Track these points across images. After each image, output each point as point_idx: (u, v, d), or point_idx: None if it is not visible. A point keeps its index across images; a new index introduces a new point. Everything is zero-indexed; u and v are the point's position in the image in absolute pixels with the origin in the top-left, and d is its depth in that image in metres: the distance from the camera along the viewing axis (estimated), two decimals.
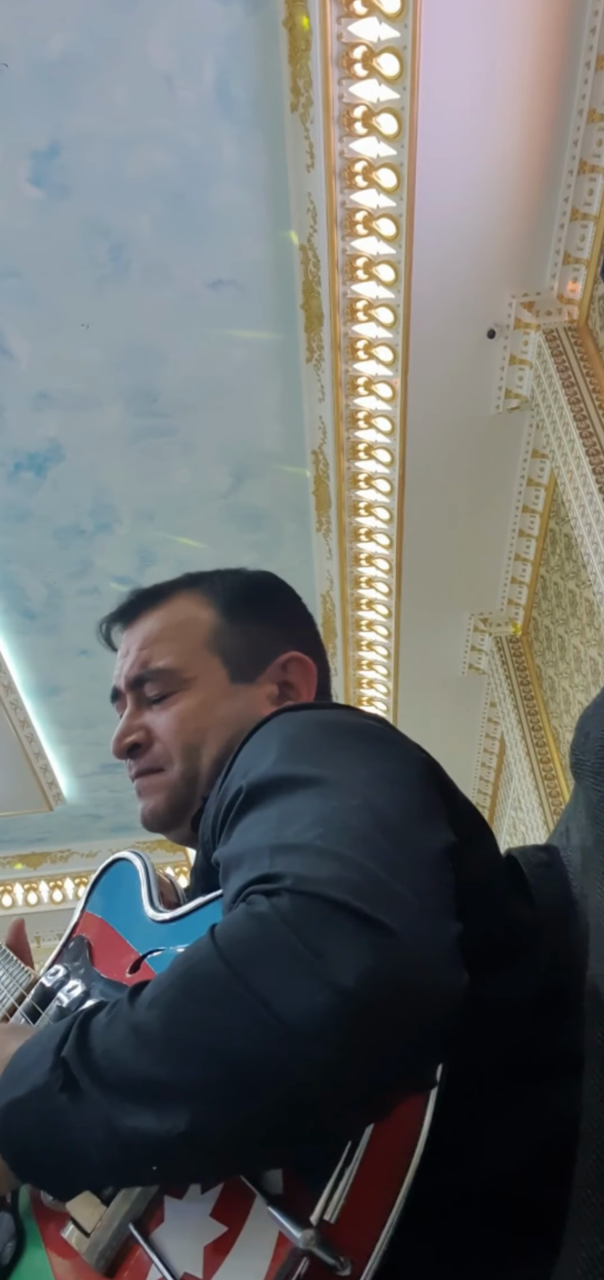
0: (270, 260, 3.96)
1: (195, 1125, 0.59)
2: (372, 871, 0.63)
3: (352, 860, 0.63)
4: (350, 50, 3.36)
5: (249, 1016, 0.59)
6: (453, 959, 0.62)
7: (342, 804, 0.69)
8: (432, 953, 0.61)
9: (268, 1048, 0.58)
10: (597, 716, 0.83)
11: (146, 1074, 0.62)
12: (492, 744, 6.40)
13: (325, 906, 0.60)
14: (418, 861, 0.66)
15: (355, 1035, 0.57)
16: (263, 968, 0.60)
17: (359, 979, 0.57)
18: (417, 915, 0.61)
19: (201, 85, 3.45)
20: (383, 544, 5.14)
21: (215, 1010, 0.60)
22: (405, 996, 0.59)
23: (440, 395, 4.36)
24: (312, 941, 0.59)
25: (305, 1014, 0.57)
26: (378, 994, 0.57)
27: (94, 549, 5.11)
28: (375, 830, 0.67)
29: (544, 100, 3.50)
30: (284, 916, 0.61)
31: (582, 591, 4.56)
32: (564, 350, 4.01)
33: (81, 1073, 0.65)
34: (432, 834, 0.71)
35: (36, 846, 7.45)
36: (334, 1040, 0.57)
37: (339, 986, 0.57)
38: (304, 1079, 0.57)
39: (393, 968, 0.58)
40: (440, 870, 0.68)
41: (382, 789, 0.72)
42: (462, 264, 3.92)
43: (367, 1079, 0.59)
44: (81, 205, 3.72)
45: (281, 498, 4.96)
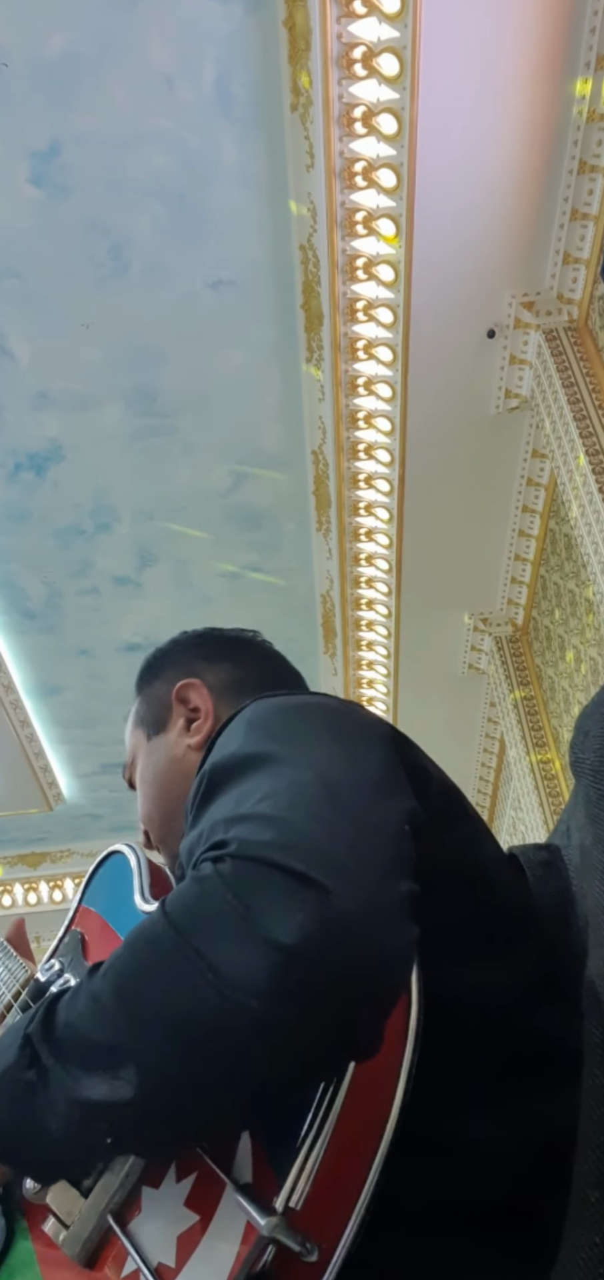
0: (270, 260, 3.96)
1: (144, 1088, 0.61)
2: (313, 835, 0.64)
3: (293, 826, 0.65)
4: (350, 50, 3.36)
5: (189, 975, 0.60)
6: (396, 917, 0.63)
7: (294, 778, 0.71)
8: (370, 911, 0.61)
9: (206, 1005, 0.59)
10: (596, 715, 0.83)
11: (99, 1039, 0.64)
12: (491, 744, 6.40)
13: (264, 868, 0.62)
14: (364, 827, 0.68)
15: (291, 989, 0.58)
16: (203, 928, 0.62)
17: (294, 934, 0.58)
18: (355, 874, 0.62)
19: (201, 85, 3.45)
20: (383, 544, 5.14)
21: (159, 971, 0.63)
22: (341, 951, 0.59)
23: (440, 395, 4.36)
24: (248, 901, 0.61)
25: (241, 970, 0.59)
26: (312, 948, 0.58)
27: (94, 549, 5.11)
28: (323, 799, 0.68)
29: (544, 100, 3.50)
30: (224, 879, 0.63)
31: (581, 591, 4.56)
32: (564, 350, 4.01)
33: (43, 1047, 0.66)
34: (384, 803, 0.72)
35: (36, 846, 7.45)
36: (270, 994, 0.58)
37: (274, 942, 0.58)
38: (242, 1034, 0.58)
39: (328, 923, 0.59)
40: (391, 836, 0.69)
41: (336, 763, 0.74)
42: (461, 264, 3.92)
43: (307, 1034, 0.60)
44: (81, 205, 3.72)
45: (281, 497, 4.96)
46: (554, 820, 4.93)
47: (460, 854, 0.81)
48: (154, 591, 5.38)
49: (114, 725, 6.50)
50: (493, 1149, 0.69)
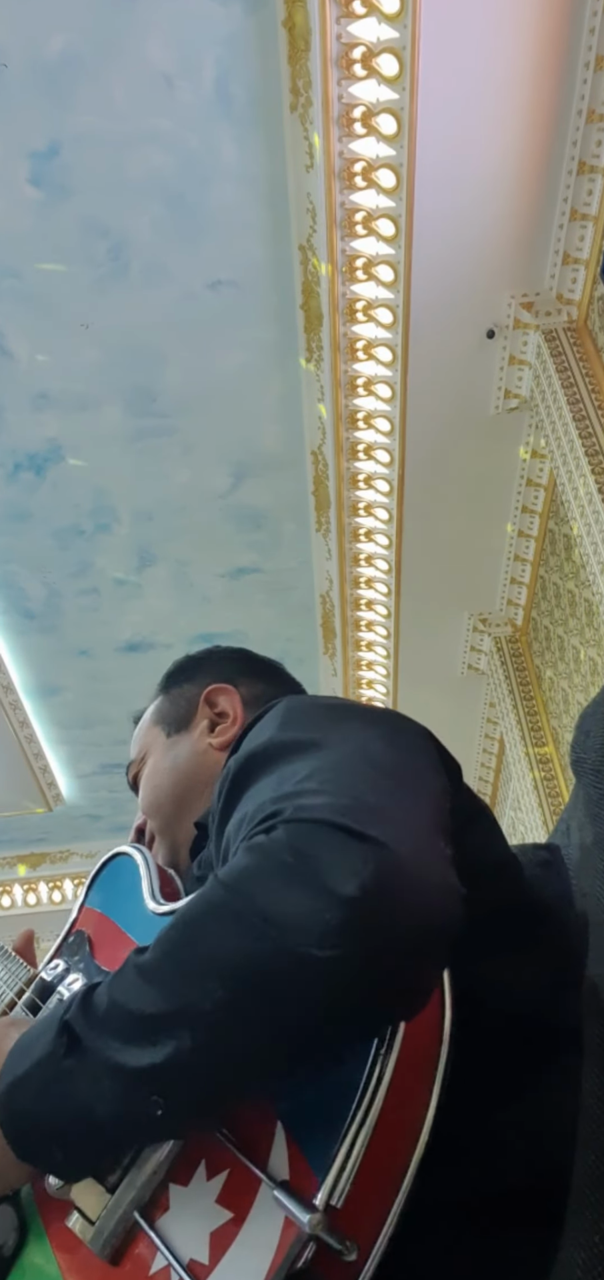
0: (270, 260, 3.96)
1: (196, 1043, 0.61)
2: (363, 797, 0.67)
3: (344, 790, 0.67)
4: (350, 50, 3.36)
5: (247, 929, 0.61)
6: (443, 868, 0.65)
7: (337, 757, 0.73)
8: (423, 861, 0.64)
9: (265, 954, 0.60)
10: (597, 715, 0.83)
11: (149, 1008, 0.64)
12: (491, 744, 6.40)
13: (319, 827, 0.64)
14: (410, 790, 0.71)
15: (352, 935, 0.59)
16: (261, 886, 0.63)
17: (355, 885, 0.60)
18: (407, 832, 0.65)
19: (201, 85, 3.45)
20: (382, 544, 5.14)
21: (214, 930, 0.64)
22: (398, 897, 0.61)
23: (440, 395, 4.36)
24: (307, 857, 0.62)
25: (303, 919, 0.60)
26: (372, 895, 0.60)
27: (94, 549, 5.11)
28: (368, 768, 0.71)
29: (543, 100, 3.50)
30: (280, 842, 0.64)
31: (581, 592, 4.56)
32: (563, 350, 4.01)
33: (86, 1030, 0.66)
34: (426, 774, 0.76)
35: (36, 847, 7.45)
36: (332, 940, 0.59)
37: (334, 891, 0.60)
38: (303, 982, 0.60)
39: (385, 873, 0.61)
40: (434, 802, 0.72)
41: (376, 742, 0.77)
42: (461, 264, 3.92)
43: (367, 980, 0.60)
44: (81, 205, 3.72)
45: (281, 498, 4.96)
46: (554, 820, 4.93)
47: (485, 848, 0.83)
48: (153, 592, 5.38)
49: (114, 725, 6.51)
50: (503, 1149, 0.70)
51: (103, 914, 1.00)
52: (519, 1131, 0.71)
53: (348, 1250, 0.60)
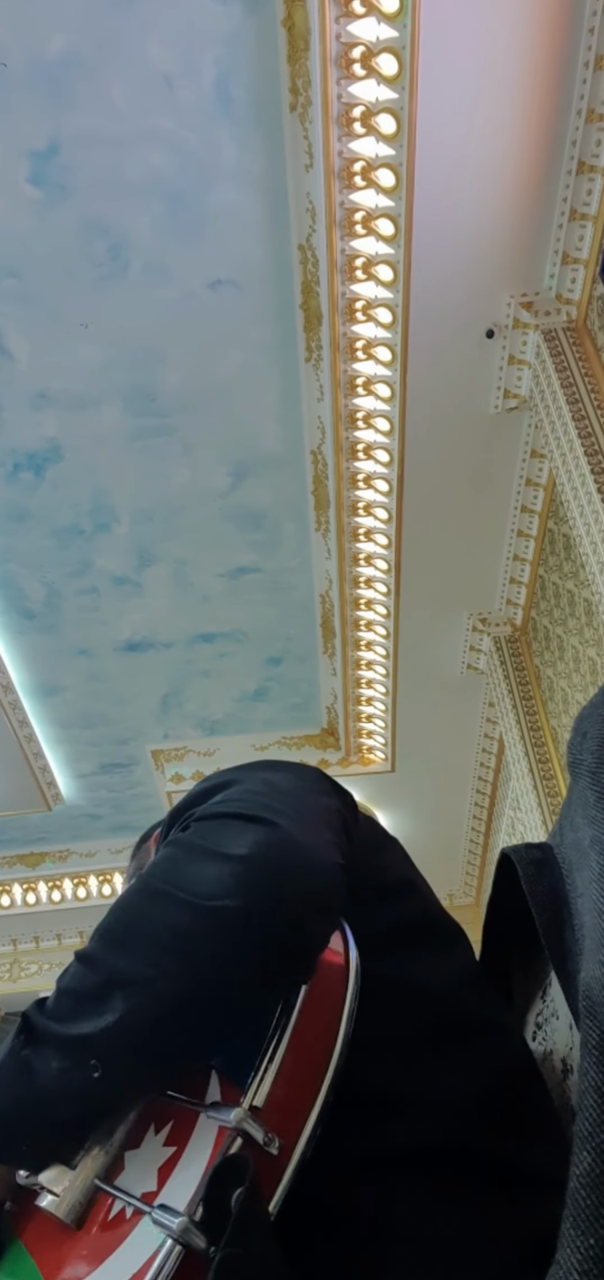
0: (269, 260, 3.96)
1: (129, 1005, 0.71)
2: (261, 799, 0.81)
3: (245, 799, 0.83)
4: (349, 50, 3.36)
5: (165, 899, 0.74)
6: (326, 845, 0.79)
7: (245, 784, 0.88)
8: (308, 837, 0.77)
9: (182, 915, 0.73)
10: (594, 716, 0.83)
11: (88, 986, 0.74)
12: (490, 744, 6.40)
13: (220, 818, 0.80)
14: (301, 800, 0.84)
15: (254, 887, 0.72)
16: (175, 865, 0.77)
17: (250, 848, 0.74)
18: (294, 819, 0.78)
19: (201, 85, 3.45)
20: (382, 544, 5.14)
21: (138, 906, 0.76)
22: (288, 858, 0.74)
23: (439, 395, 4.36)
24: (210, 839, 0.77)
25: (212, 882, 0.73)
26: (266, 857, 0.74)
27: (93, 549, 5.11)
28: (267, 788, 0.85)
29: (543, 100, 3.50)
30: (190, 832, 0.80)
31: (580, 591, 4.56)
32: (563, 350, 4.01)
33: (37, 1019, 0.76)
34: (317, 795, 0.89)
35: (35, 846, 7.45)
36: (238, 892, 0.72)
37: (232, 854, 0.74)
38: (216, 931, 0.71)
39: (273, 840, 0.75)
40: (322, 810, 0.85)
41: (278, 772, 0.92)
42: (460, 264, 3.92)
43: (266, 926, 0.72)
44: (81, 205, 3.72)
45: (281, 498, 4.96)
46: (553, 820, 4.94)
47: (391, 870, 0.96)
48: (153, 591, 5.37)
49: (113, 725, 6.52)
50: (436, 1098, 0.77)
51: None
52: (450, 1086, 0.79)
53: (271, 1142, 0.69)
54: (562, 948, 0.79)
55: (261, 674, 6.04)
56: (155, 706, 6.16)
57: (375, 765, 6.64)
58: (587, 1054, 0.69)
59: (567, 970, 0.77)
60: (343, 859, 0.80)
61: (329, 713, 6.36)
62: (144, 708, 6.15)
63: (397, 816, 7.11)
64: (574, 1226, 0.64)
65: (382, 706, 6.19)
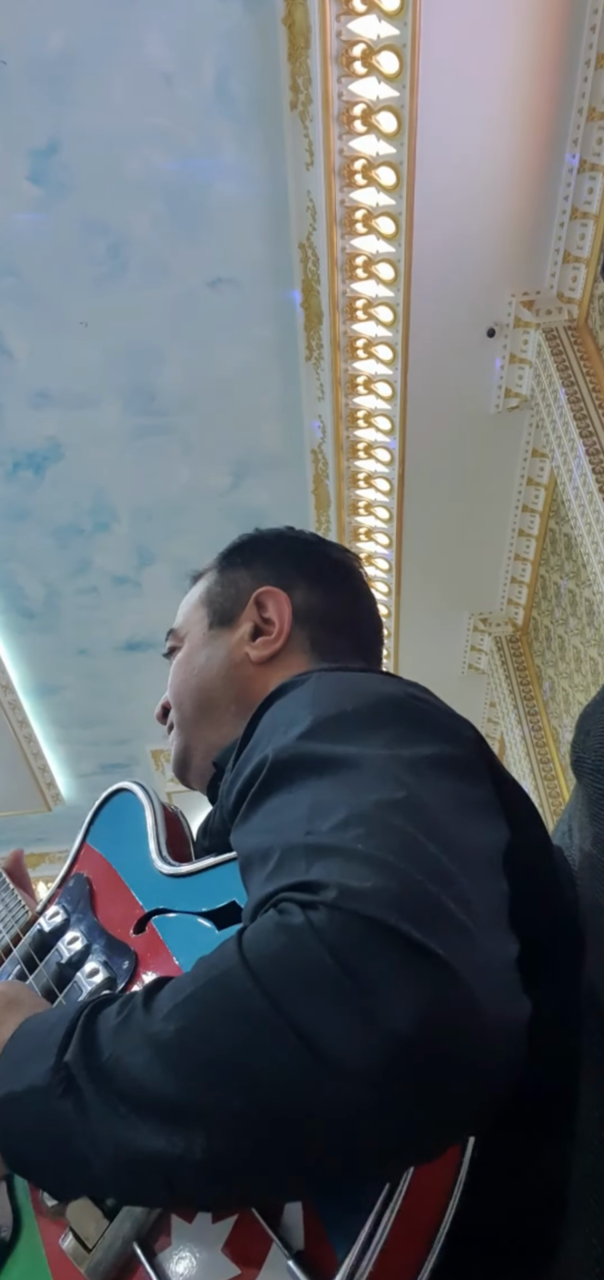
0: (270, 259, 3.95)
1: (213, 1151, 0.55)
2: (421, 886, 0.56)
3: (398, 870, 0.56)
4: (350, 48, 3.36)
5: (282, 1047, 0.53)
6: (514, 990, 0.56)
7: (383, 797, 0.62)
8: (491, 987, 0.54)
9: (303, 1083, 0.52)
10: (597, 714, 0.82)
11: (161, 1091, 0.56)
12: (491, 744, 6.35)
13: (371, 928, 0.54)
14: (472, 869, 0.60)
15: (405, 1080, 0.51)
16: (299, 994, 0.54)
17: (412, 1021, 0.51)
18: (473, 939, 0.55)
19: (201, 83, 3.44)
20: (382, 543, 5.13)
21: (242, 1033, 0.55)
22: (462, 1039, 0.52)
23: (440, 394, 4.35)
24: (356, 971, 0.53)
25: (350, 1054, 0.52)
26: (431, 1037, 0.51)
27: (93, 548, 5.10)
28: (423, 831, 0.59)
29: (544, 98, 3.49)
30: (323, 937, 0.54)
31: (581, 591, 4.55)
32: (564, 349, 4.00)
33: (87, 1081, 0.59)
34: (485, 833, 0.65)
35: (35, 847, 7.43)
36: (381, 1084, 0.51)
37: (388, 1028, 0.51)
38: (343, 1122, 0.52)
39: (448, 1008, 0.52)
40: (496, 877, 0.62)
41: (427, 778, 0.65)
42: (461, 262, 3.92)
43: (414, 1125, 0.53)
44: (80, 204, 3.71)
45: (281, 497, 4.95)
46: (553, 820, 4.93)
47: (531, 865, 0.73)
48: (153, 591, 5.37)
49: (113, 725, 6.51)
50: (502, 1182, 0.66)
51: (105, 859, 0.93)
52: (519, 1163, 0.67)
53: None
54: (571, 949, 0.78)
55: None
56: (155, 707, 6.15)
57: None
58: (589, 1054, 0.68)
59: None
60: (522, 986, 0.57)
61: None
62: (144, 708, 6.14)
63: None
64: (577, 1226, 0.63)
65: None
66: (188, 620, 1.14)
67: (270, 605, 1.06)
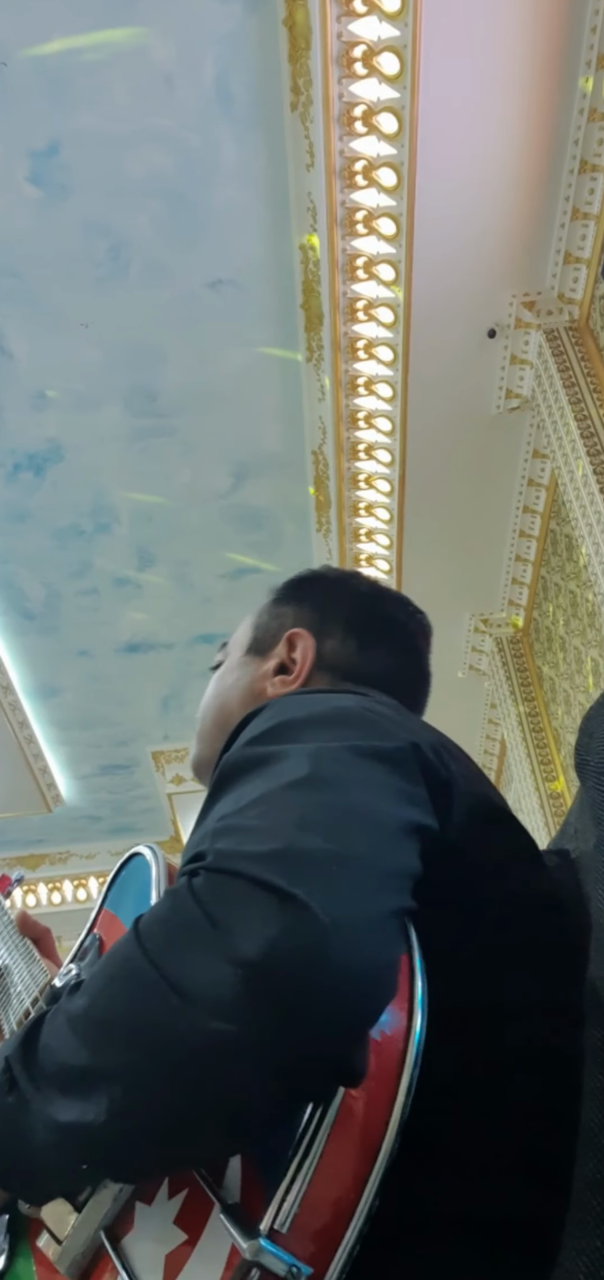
0: (270, 260, 3.96)
1: (116, 1110, 0.58)
2: (293, 844, 0.61)
3: (278, 833, 0.62)
4: (350, 49, 3.36)
5: (154, 993, 0.58)
6: (379, 934, 0.60)
7: (293, 779, 0.67)
8: (352, 927, 0.58)
9: (171, 1023, 0.57)
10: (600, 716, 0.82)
11: (73, 1062, 0.61)
12: (492, 745, 6.39)
13: (238, 881, 0.59)
14: (359, 832, 0.64)
15: (257, 1008, 0.55)
16: (170, 947, 0.60)
17: (260, 951, 0.55)
18: (342, 888, 0.59)
19: (201, 84, 3.44)
20: (383, 545, 5.13)
21: (128, 990, 0.60)
22: (312, 970, 0.56)
23: (441, 395, 4.35)
24: (219, 919, 0.58)
25: (205, 988, 0.56)
26: (279, 965, 0.55)
27: (93, 549, 5.10)
28: (319, 803, 0.65)
29: (545, 99, 3.49)
30: (195, 893, 0.60)
31: (582, 592, 4.55)
32: (565, 350, 4.00)
33: (21, 1072, 0.64)
34: (385, 809, 0.68)
35: (35, 848, 7.45)
36: (234, 1014, 0.55)
37: (239, 958, 0.56)
38: (207, 1055, 0.56)
39: (300, 939, 0.56)
40: (387, 844, 0.65)
41: (345, 762, 0.70)
42: (462, 263, 3.92)
43: (276, 1057, 0.56)
44: (81, 205, 3.71)
45: (281, 498, 4.95)
46: (555, 823, 4.93)
47: (476, 883, 0.77)
48: (153, 592, 5.37)
49: (113, 727, 6.51)
50: (489, 1159, 0.67)
51: (115, 916, 0.98)
52: (507, 1141, 0.68)
53: (294, 1276, 0.58)
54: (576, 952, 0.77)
55: None
56: (156, 708, 6.15)
57: None
58: (592, 1056, 0.68)
59: None
60: (402, 925, 0.63)
61: None
62: (144, 709, 6.15)
63: None
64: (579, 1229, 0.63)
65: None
66: (236, 638, 1.18)
67: (298, 646, 1.09)
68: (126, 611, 5.47)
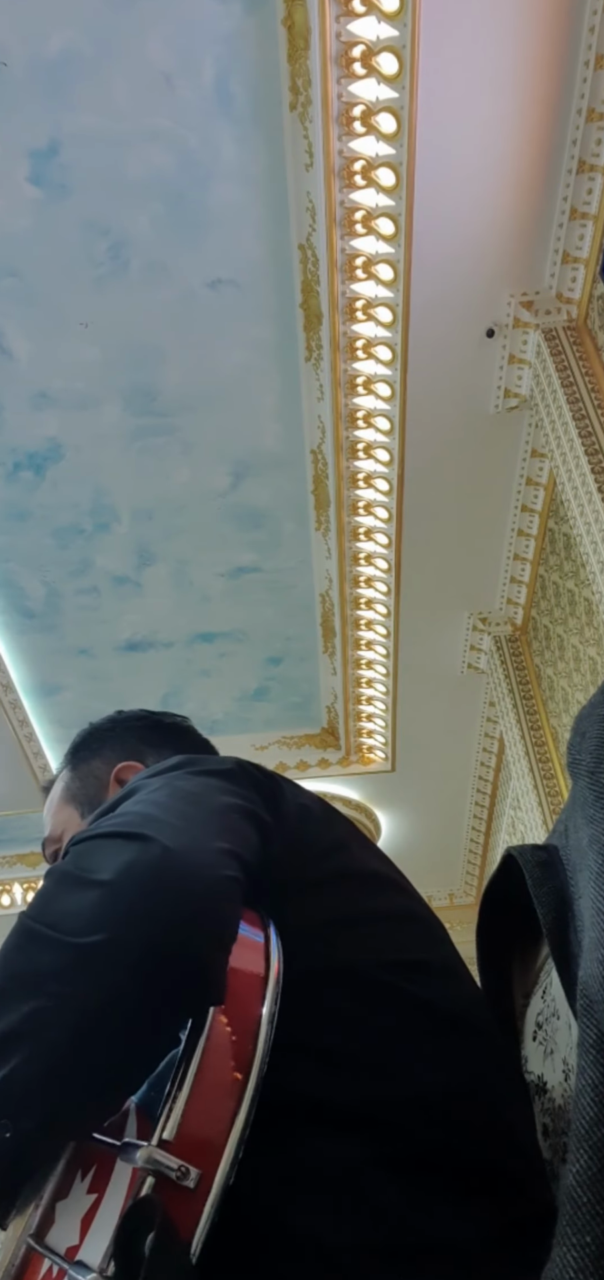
0: (269, 260, 3.96)
1: (22, 1056, 0.63)
2: (145, 811, 0.74)
3: (131, 810, 0.75)
4: (349, 49, 3.36)
5: (40, 941, 0.67)
6: (214, 857, 0.70)
7: (141, 797, 0.80)
8: (191, 851, 0.69)
9: (56, 957, 0.65)
10: (593, 716, 0.83)
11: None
12: (491, 743, 6.40)
13: (97, 840, 0.72)
14: (196, 806, 0.77)
15: (120, 916, 0.65)
16: (48, 899, 0.70)
17: (117, 871, 0.66)
18: (180, 830, 0.71)
19: (201, 84, 3.45)
20: (382, 543, 5.14)
21: (16, 947, 0.68)
22: (160, 877, 0.66)
23: (439, 394, 4.36)
24: (82, 864, 0.70)
25: (74, 915, 0.66)
26: (132, 879, 0.66)
27: (93, 548, 5.11)
28: (163, 794, 0.78)
29: (543, 99, 3.50)
30: (66, 861, 0.72)
31: (580, 591, 4.56)
32: (563, 349, 4.01)
33: None
34: (220, 797, 0.81)
35: (35, 846, 7.44)
36: (99, 924, 0.64)
37: (101, 881, 0.66)
38: (86, 967, 0.64)
39: (147, 858, 0.67)
40: (219, 812, 0.78)
41: (179, 778, 0.84)
42: (461, 263, 3.92)
43: (142, 966, 0.64)
44: (81, 204, 3.72)
45: (281, 497, 4.96)
46: (553, 819, 4.93)
47: (325, 856, 0.89)
48: (153, 591, 5.37)
49: None
50: (393, 1105, 0.72)
51: None
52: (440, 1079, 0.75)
53: (184, 1175, 0.63)
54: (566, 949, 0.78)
55: (262, 674, 6.04)
56: (155, 706, 6.07)
57: (375, 765, 6.63)
58: (584, 1052, 0.69)
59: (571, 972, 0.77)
60: (239, 866, 0.73)
61: (329, 712, 6.36)
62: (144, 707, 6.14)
63: (397, 816, 7.11)
64: (571, 1225, 0.64)
65: (382, 706, 6.19)
66: (58, 822, 1.24)
67: (130, 778, 1.15)
68: (126, 610, 5.47)
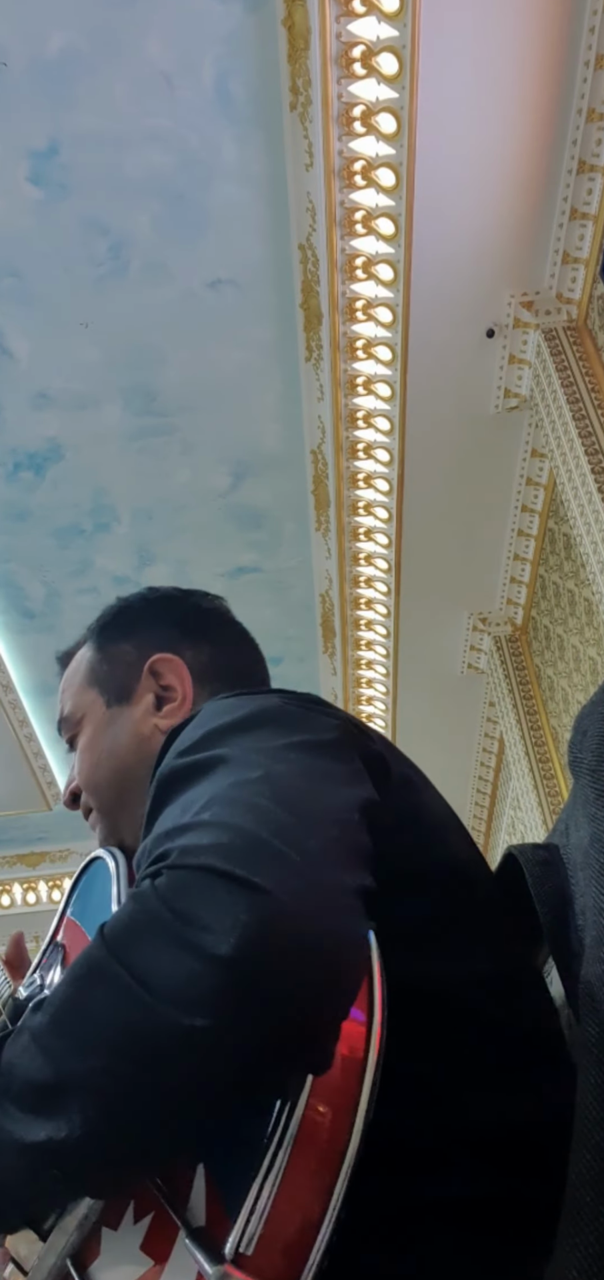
0: (269, 260, 3.96)
1: (91, 1123, 0.57)
2: (252, 834, 0.62)
3: (233, 826, 0.62)
4: (349, 49, 3.36)
5: (125, 995, 0.58)
6: (343, 910, 0.61)
7: (238, 778, 0.68)
8: (313, 905, 0.59)
9: (144, 1024, 0.56)
10: (594, 714, 0.83)
11: (39, 1078, 0.60)
12: (491, 743, 6.39)
13: (198, 875, 0.60)
14: (311, 818, 0.65)
15: (232, 999, 0.55)
16: (136, 944, 0.59)
17: (230, 944, 0.55)
18: (299, 869, 0.60)
19: (201, 84, 3.44)
20: (382, 543, 5.14)
21: (96, 995, 0.60)
22: (282, 956, 0.57)
23: (439, 395, 4.36)
24: (183, 912, 0.58)
25: (179, 985, 0.56)
26: (251, 957, 0.56)
27: (93, 548, 5.11)
28: (267, 795, 0.66)
29: (543, 99, 3.50)
30: (159, 892, 0.60)
31: (581, 591, 4.56)
32: (563, 350, 4.00)
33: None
34: (335, 792, 0.70)
35: (35, 846, 7.45)
36: (210, 1008, 0.55)
37: (207, 951, 0.56)
38: (184, 1053, 0.56)
39: (267, 927, 0.56)
40: (340, 826, 0.67)
41: (283, 758, 0.72)
42: (461, 263, 3.92)
43: (250, 1049, 0.57)
44: (81, 204, 3.72)
45: (281, 497, 4.96)
46: (553, 819, 4.93)
47: (425, 847, 0.80)
48: None
49: None
50: (476, 1144, 0.68)
51: (78, 924, 0.96)
52: (493, 1127, 0.69)
53: None
54: (567, 949, 0.78)
55: None
56: None
57: None
58: (585, 1052, 0.69)
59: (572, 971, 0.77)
60: (365, 902, 0.63)
61: None
62: None
63: None
64: (573, 1224, 0.63)
65: (382, 706, 6.19)
66: (78, 704, 1.12)
67: (167, 673, 1.07)
68: None
